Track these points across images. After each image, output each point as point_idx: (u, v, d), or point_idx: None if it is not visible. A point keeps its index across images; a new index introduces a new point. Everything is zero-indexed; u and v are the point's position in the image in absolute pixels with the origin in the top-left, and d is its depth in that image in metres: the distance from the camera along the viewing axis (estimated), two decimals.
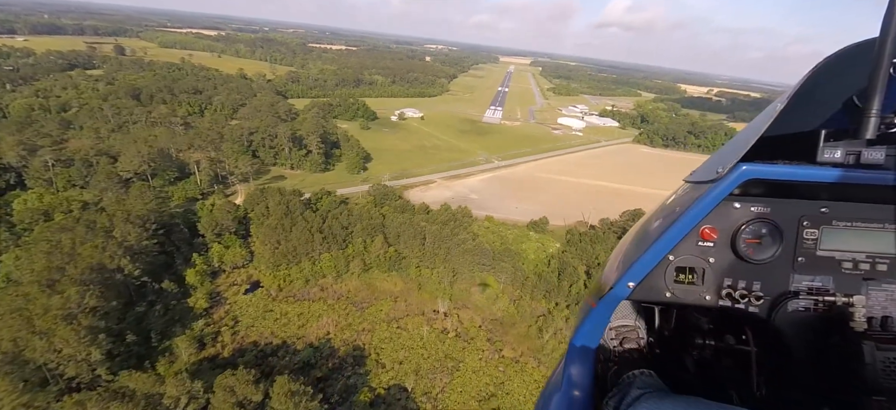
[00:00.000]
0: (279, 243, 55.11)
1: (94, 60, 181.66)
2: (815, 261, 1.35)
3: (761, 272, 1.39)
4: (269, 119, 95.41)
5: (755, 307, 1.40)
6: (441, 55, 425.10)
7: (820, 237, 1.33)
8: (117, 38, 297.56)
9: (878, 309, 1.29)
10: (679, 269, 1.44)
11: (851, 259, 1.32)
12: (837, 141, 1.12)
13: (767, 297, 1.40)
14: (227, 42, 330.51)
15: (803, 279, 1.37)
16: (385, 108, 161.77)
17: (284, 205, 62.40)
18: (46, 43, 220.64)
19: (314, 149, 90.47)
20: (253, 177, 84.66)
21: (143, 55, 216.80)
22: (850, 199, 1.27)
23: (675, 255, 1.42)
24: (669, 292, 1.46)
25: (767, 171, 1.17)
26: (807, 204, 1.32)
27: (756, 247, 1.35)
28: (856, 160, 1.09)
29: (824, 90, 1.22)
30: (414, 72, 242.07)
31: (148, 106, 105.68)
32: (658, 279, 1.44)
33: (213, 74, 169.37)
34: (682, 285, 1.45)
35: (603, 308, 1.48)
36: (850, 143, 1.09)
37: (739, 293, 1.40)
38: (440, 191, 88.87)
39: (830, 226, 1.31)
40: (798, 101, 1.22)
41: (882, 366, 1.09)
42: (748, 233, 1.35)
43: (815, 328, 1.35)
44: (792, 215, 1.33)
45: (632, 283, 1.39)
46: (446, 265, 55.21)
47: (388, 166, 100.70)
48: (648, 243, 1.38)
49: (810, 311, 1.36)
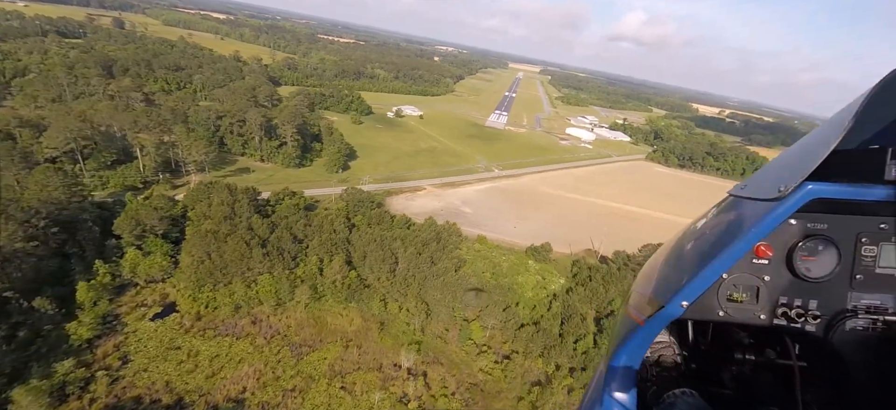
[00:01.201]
0: (209, 254, 42.44)
1: (83, 30, 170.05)
2: (873, 279, 1.29)
3: (818, 290, 1.33)
4: (243, 103, 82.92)
5: (812, 326, 1.34)
6: (450, 57, 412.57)
7: (879, 254, 1.27)
8: (122, 12, 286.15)
9: None
10: (732, 287, 1.38)
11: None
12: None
13: (824, 316, 1.34)
14: (232, 26, 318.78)
15: (862, 296, 1.30)
16: (383, 103, 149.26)
17: (228, 205, 49.73)
18: (46, 10, 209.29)
19: (289, 140, 77.83)
20: (212, 167, 72.07)
21: (143, 30, 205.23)
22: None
23: (729, 273, 1.36)
24: (722, 311, 1.40)
25: (837, 191, 1.12)
26: (865, 220, 1.26)
27: (813, 264, 1.29)
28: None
29: (889, 108, 1.14)
30: (419, 70, 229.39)
31: (117, 79, 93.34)
32: (711, 297, 1.38)
33: (205, 53, 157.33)
34: (736, 303, 1.39)
35: (652, 327, 1.42)
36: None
37: (795, 312, 1.34)
38: (429, 200, 76.06)
39: (890, 243, 1.26)
40: (861, 118, 1.16)
41: None
42: (805, 250, 1.29)
43: (874, 347, 1.29)
44: (850, 231, 1.27)
45: (686, 302, 1.32)
46: (420, 300, 42.42)
47: (374, 167, 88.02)
48: (703, 261, 1.30)
49: (869, 330, 1.30)
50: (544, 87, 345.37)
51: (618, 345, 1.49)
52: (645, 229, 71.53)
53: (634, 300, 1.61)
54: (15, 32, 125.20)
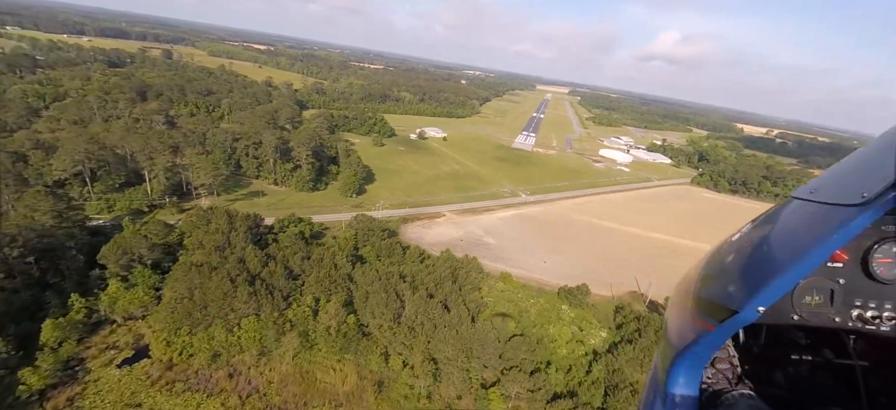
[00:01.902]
0: (192, 291, 37.13)
1: (132, 59, 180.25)
2: None
3: (893, 292, 1.30)
4: (260, 125, 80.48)
5: (887, 326, 1.31)
6: (477, 80, 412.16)
7: None
8: (173, 45, 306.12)
9: None
10: (807, 290, 1.35)
11: None
12: None
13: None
14: (271, 55, 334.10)
15: None
16: (407, 125, 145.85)
17: (223, 234, 44.83)
18: (106, 43, 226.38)
19: (303, 163, 73.87)
20: (224, 190, 68.90)
21: (188, 60, 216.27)
22: None
23: (805, 277, 1.33)
24: (797, 315, 1.37)
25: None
26: None
27: (889, 267, 1.26)
28: None
29: None
30: (445, 92, 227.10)
31: (143, 103, 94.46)
32: (785, 301, 1.35)
33: (239, 79, 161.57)
34: (810, 307, 1.36)
35: (723, 332, 1.38)
36: None
37: (871, 314, 1.31)
38: (448, 228, 69.00)
39: None
40: None
41: None
42: (881, 253, 1.26)
43: None
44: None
45: (762, 307, 1.29)
46: (427, 356, 34.81)
47: (391, 191, 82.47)
48: (780, 267, 1.27)
49: None
50: (573, 107, 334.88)
51: (683, 348, 1.43)
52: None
53: (700, 304, 1.52)
54: (66, 62, 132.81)
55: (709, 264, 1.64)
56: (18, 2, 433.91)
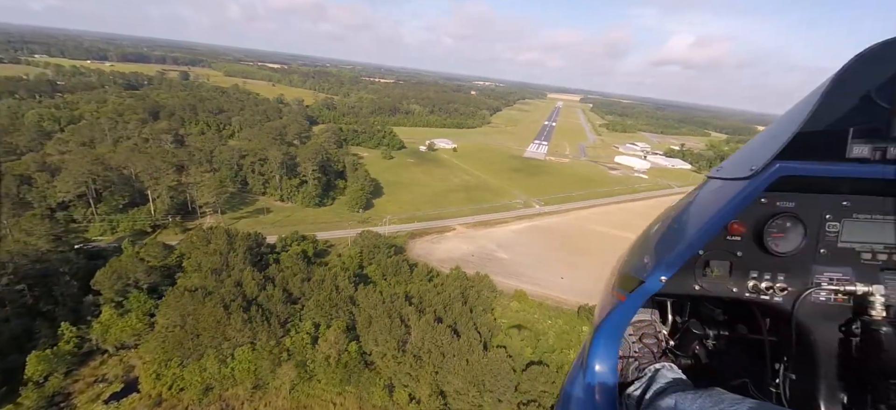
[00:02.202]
0: (185, 319, 34.91)
1: (149, 82, 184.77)
2: (836, 253, 1.37)
3: (786, 265, 1.41)
4: (267, 141, 79.50)
5: (779, 297, 1.42)
6: (487, 90, 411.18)
7: (841, 230, 1.35)
8: (191, 67, 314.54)
9: (895, 297, 1.30)
10: (707, 263, 1.46)
11: (870, 250, 1.34)
12: (864, 138, 1.13)
13: (791, 288, 1.42)
14: (284, 74, 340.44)
15: (825, 270, 1.38)
16: (417, 138, 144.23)
17: (221, 255, 42.81)
18: (127, 68, 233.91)
19: (309, 178, 72.21)
20: (230, 208, 67.58)
21: (205, 80, 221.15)
22: (871, 193, 1.30)
23: (705, 250, 1.45)
24: (698, 285, 1.48)
25: (802, 168, 1.19)
26: (829, 198, 1.35)
27: (781, 240, 1.37)
28: (882, 156, 1.11)
29: (850, 90, 1.21)
30: (454, 103, 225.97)
31: (158, 122, 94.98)
32: (688, 273, 1.46)
33: (251, 96, 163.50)
34: (711, 278, 1.47)
35: (632, 302, 1.47)
36: (877, 139, 1.10)
37: (765, 285, 1.42)
38: (458, 242, 65.90)
39: (851, 219, 1.34)
40: (827, 103, 1.23)
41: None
42: (774, 227, 1.36)
43: (835, 317, 1.38)
44: (815, 209, 1.35)
45: (664, 277, 1.38)
46: (435, 388, 31.54)
47: (399, 205, 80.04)
48: (681, 239, 1.38)
49: (831, 301, 1.38)
50: (586, 114, 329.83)
51: (600, 320, 1.53)
52: None
53: (617, 278, 1.65)
54: (85, 86, 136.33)
55: (632, 243, 1.75)
56: (46, 30, 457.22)
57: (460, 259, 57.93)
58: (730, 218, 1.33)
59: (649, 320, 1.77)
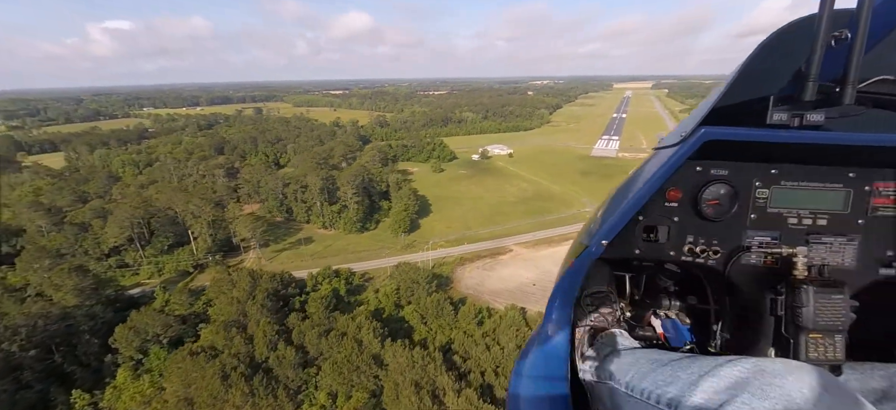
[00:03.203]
0: (187, 387, 29.80)
1: (226, 120, 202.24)
2: (765, 218, 1.46)
3: (719, 230, 1.50)
4: (310, 166, 76.83)
5: (713, 260, 1.52)
6: (545, 89, 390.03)
7: (770, 197, 1.44)
8: (265, 103, 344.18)
9: (818, 259, 1.42)
10: (647, 228, 1.55)
11: (796, 216, 1.44)
12: (784, 105, 1.20)
13: (723, 251, 1.51)
14: (345, 98, 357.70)
15: (755, 234, 1.47)
16: (470, 146, 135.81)
17: (238, 303, 37.92)
18: (213, 110, 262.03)
19: (350, 203, 67.24)
20: (273, 239, 64.97)
21: (276, 113, 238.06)
22: (797, 161, 1.39)
23: (644, 215, 1.54)
24: (638, 249, 1.57)
25: (724, 132, 1.25)
26: (759, 167, 1.43)
27: (715, 207, 1.46)
28: (800, 122, 1.17)
29: (774, 58, 1.29)
30: (509, 106, 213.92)
31: (214, 158, 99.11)
32: (628, 237, 1.56)
33: (309, 122, 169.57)
34: (650, 243, 1.56)
35: (578, 265, 1.52)
36: (795, 106, 1.17)
37: (700, 249, 1.51)
38: (516, 268, 55.26)
39: (779, 186, 1.43)
40: (752, 72, 1.31)
41: (817, 307, 1.23)
42: (708, 194, 1.45)
43: (764, 278, 1.47)
44: (746, 177, 1.44)
45: (605, 241, 1.44)
46: None
47: (448, 223, 71.69)
48: (620, 205, 1.44)
49: (761, 263, 1.48)
50: (661, 101, 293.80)
51: (555, 288, 1.60)
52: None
53: (570, 248, 1.76)
54: (168, 130, 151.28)
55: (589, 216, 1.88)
56: (156, 87, 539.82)
57: (519, 291, 47.49)
58: (661, 183, 1.36)
59: (606, 291, 1.81)
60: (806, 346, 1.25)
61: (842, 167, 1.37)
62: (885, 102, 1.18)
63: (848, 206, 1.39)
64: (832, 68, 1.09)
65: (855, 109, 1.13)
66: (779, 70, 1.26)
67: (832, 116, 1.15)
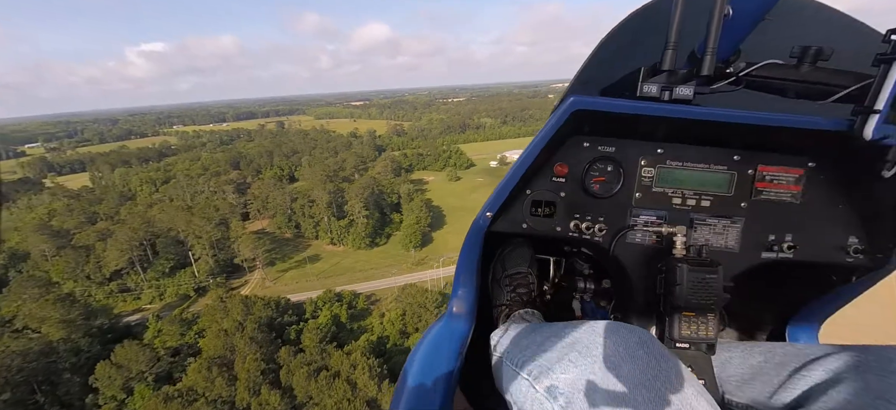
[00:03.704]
0: None
1: (248, 135, 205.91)
2: (650, 197, 1.45)
3: (605, 207, 1.49)
4: (319, 179, 73.98)
5: (599, 237, 1.51)
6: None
7: (655, 176, 1.43)
8: (288, 116, 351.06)
9: (701, 239, 1.43)
10: (535, 203, 1.52)
11: (680, 196, 1.44)
12: (654, 77, 1.17)
13: (610, 229, 1.50)
14: (364, 108, 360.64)
15: (640, 212, 1.47)
16: (488, 153, 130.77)
17: (223, 336, 34.34)
18: (238, 125, 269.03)
19: (357, 217, 63.58)
20: (279, 257, 62.07)
21: (297, 126, 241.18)
22: (681, 141, 1.39)
23: (532, 189, 1.51)
24: (526, 223, 1.54)
25: (593, 102, 1.23)
26: (646, 145, 1.42)
27: (602, 184, 1.45)
28: (670, 96, 1.16)
29: (646, 27, 1.25)
30: (529, 110, 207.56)
31: (226, 173, 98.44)
32: (517, 211, 1.53)
33: (326, 134, 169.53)
34: (538, 217, 1.54)
35: (470, 239, 1.51)
36: (666, 79, 1.15)
37: (585, 225, 1.50)
38: None
39: (664, 166, 1.42)
40: (624, 43, 1.29)
41: (691, 286, 1.23)
42: (595, 171, 1.44)
43: (648, 256, 1.48)
44: (633, 155, 1.43)
45: (490, 213, 1.44)
46: None
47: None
48: (508, 176, 1.44)
49: (645, 242, 1.48)
50: None
51: (458, 264, 1.60)
52: None
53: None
54: (190, 146, 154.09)
55: None
56: (187, 105, 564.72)
57: None
58: (535, 156, 1.33)
59: (525, 271, 1.81)
60: (679, 324, 1.27)
61: (726, 149, 1.37)
62: (761, 83, 1.15)
63: (732, 188, 1.39)
64: (720, 43, 1.05)
65: (729, 87, 1.14)
66: (651, 43, 1.19)
67: (702, 91, 1.14)
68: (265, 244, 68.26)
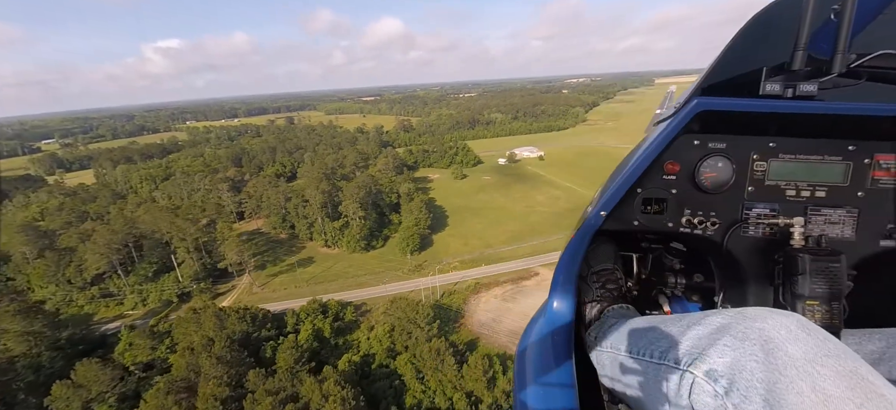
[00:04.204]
0: None
1: (256, 130, 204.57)
2: (763, 190, 1.47)
3: (717, 202, 1.51)
4: (315, 177, 70.55)
5: (711, 232, 1.53)
6: (581, 87, 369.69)
7: (768, 169, 1.45)
8: (299, 112, 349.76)
9: (816, 230, 1.43)
10: (646, 201, 1.56)
11: (794, 188, 1.45)
12: (777, 75, 1.21)
13: (722, 223, 1.52)
14: (374, 104, 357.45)
15: (753, 205, 1.48)
16: (498, 149, 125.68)
17: (189, 354, 30.96)
18: (250, 121, 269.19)
19: (352, 218, 59.88)
20: (270, 260, 58.91)
21: (307, 121, 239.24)
22: (794, 134, 1.41)
23: (643, 188, 1.55)
24: (637, 220, 1.58)
25: (718, 102, 1.27)
26: (757, 140, 1.44)
27: (713, 179, 1.46)
28: (793, 93, 1.18)
29: (768, 28, 1.29)
30: (542, 105, 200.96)
31: (224, 171, 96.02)
32: (628, 209, 1.57)
33: (331, 129, 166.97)
34: (649, 215, 1.57)
35: (579, 237, 1.54)
36: (789, 77, 1.18)
37: (697, 220, 1.52)
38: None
39: (777, 159, 1.44)
40: (745, 45, 1.31)
41: (814, 276, 1.24)
42: (706, 167, 1.46)
43: (762, 249, 1.49)
44: (744, 149, 1.45)
45: (603, 212, 1.47)
46: None
47: (465, 239, 62.43)
48: (618, 178, 1.48)
49: (759, 234, 1.49)
50: None
51: (559, 263, 1.61)
52: None
53: (574, 224, 1.77)
54: (197, 141, 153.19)
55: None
56: (203, 101, 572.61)
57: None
58: (656, 155, 1.38)
59: (611, 268, 1.78)
60: (803, 313, 1.26)
61: (841, 140, 1.36)
62: (881, 75, 1.16)
63: (847, 178, 1.39)
64: (827, 43, 1.08)
65: (848, 81, 1.14)
66: (772, 42, 1.24)
67: (825, 86, 1.14)
68: (258, 246, 65.24)
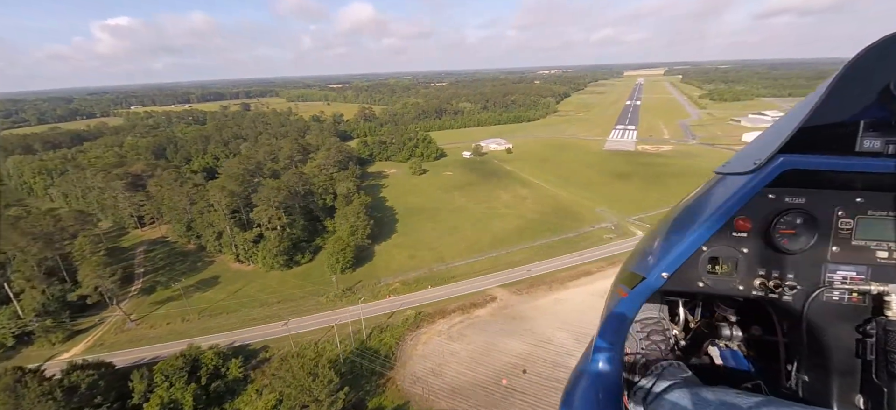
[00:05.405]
0: None
1: (203, 117, 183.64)
2: (849, 251, 1.29)
3: (795, 263, 1.34)
4: (238, 172, 57.18)
5: (789, 296, 1.36)
6: (553, 78, 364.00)
7: (855, 227, 1.28)
8: (259, 99, 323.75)
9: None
10: (712, 259, 1.40)
11: (887, 249, 1.26)
12: (876, 131, 1.08)
13: (801, 287, 1.35)
14: (340, 91, 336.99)
15: (838, 268, 1.31)
16: (464, 141, 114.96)
17: None
18: (203, 107, 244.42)
19: (267, 229, 47.49)
20: (163, 283, 45.82)
21: (264, 109, 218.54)
22: (886, 189, 1.22)
23: (709, 245, 1.38)
24: (702, 282, 1.42)
25: (807, 161, 1.15)
26: (842, 194, 1.27)
27: (791, 237, 1.30)
28: (895, 150, 1.06)
29: (862, 81, 1.14)
30: (512, 95, 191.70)
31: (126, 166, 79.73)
32: (691, 269, 1.41)
33: (280, 117, 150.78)
34: (716, 275, 1.41)
35: (635, 297, 1.44)
36: (890, 132, 1.06)
37: (773, 283, 1.35)
38: (497, 332, 34.89)
39: (865, 216, 1.26)
40: (835, 91, 1.17)
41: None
42: (783, 224, 1.30)
43: (849, 317, 1.31)
44: (827, 205, 1.28)
45: (666, 273, 1.35)
46: None
47: (414, 250, 51.47)
48: (683, 235, 1.35)
49: (845, 301, 1.31)
50: (677, 87, 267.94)
51: (604, 316, 1.52)
52: None
53: (622, 275, 1.61)
54: (129, 127, 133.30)
55: (638, 242, 1.70)
56: (158, 85, 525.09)
57: (496, 388, 27.38)
58: (731, 213, 1.26)
59: (657, 317, 1.66)
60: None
61: None
62: None
63: None
64: None
65: None
66: (868, 93, 1.09)
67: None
68: (156, 261, 51.79)
